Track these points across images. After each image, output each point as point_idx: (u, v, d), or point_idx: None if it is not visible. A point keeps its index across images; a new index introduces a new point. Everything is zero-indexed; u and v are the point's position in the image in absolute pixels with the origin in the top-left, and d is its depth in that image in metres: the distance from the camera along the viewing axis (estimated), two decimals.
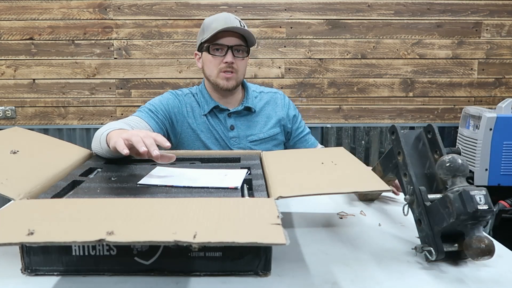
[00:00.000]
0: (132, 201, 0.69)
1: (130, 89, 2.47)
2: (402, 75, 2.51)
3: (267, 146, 1.39)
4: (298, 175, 0.85)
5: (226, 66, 1.28)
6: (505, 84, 2.54)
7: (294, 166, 0.93)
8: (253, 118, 1.38)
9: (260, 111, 1.40)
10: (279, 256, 0.76)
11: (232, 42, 1.28)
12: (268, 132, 1.39)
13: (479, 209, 0.69)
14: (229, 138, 1.35)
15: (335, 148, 1.05)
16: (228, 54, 1.27)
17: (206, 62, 1.32)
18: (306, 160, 0.97)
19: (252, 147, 1.36)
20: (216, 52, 1.29)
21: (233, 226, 0.58)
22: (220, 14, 1.31)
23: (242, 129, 1.36)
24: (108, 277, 0.68)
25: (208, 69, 1.32)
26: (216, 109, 1.35)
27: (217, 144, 1.35)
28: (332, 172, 0.85)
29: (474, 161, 2.17)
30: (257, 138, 1.37)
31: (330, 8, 2.44)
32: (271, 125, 1.40)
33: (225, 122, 1.36)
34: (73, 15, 2.40)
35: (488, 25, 2.48)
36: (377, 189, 0.73)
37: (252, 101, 1.38)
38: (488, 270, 0.74)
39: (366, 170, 0.84)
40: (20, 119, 2.48)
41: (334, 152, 1.02)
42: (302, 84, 2.50)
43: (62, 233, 0.55)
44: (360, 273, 0.71)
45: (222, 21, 1.27)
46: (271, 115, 1.41)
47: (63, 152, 1.01)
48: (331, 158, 0.92)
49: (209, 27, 1.28)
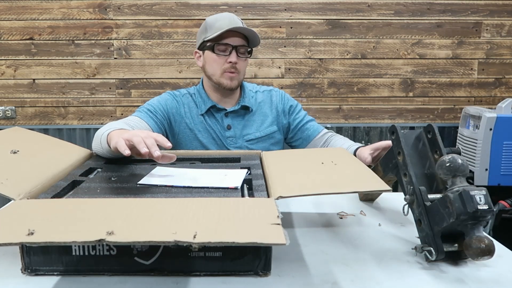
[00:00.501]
0: (132, 201, 0.69)
1: (130, 89, 2.47)
2: (402, 75, 2.51)
3: (264, 145, 1.39)
4: (298, 175, 0.85)
5: (230, 66, 1.29)
6: (505, 84, 2.54)
7: (294, 166, 0.93)
8: (249, 117, 1.39)
9: (256, 110, 1.40)
10: (279, 256, 0.76)
11: (236, 42, 1.28)
12: (265, 131, 1.39)
13: (479, 209, 0.69)
14: (225, 137, 1.35)
15: (336, 148, 1.05)
16: (233, 54, 1.28)
17: (209, 61, 1.32)
18: (306, 160, 0.97)
19: (248, 146, 1.36)
20: (221, 51, 1.29)
21: (233, 226, 0.58)
22: (223, 14, 1.31)
23: (239, 129, 1.37)
24: (108, 277, 0.68)
25: (211, 68, 1.32)
26: (213, 108, 1.36)
27: (214, 144, 1.35)
28: (332, 172, 0.85)
29: (474, 161, 2.17)
30: (253, 137, 1.37)
31: (330, 8, 2.44)
32: (268, 123, 1.40)
33: (222, 121, 1.36)
34: (73, 15, 2.40)
35: (488, 25, 2.48)
36: (377, 189, 0.73)
37: (249, 100, 1.39)
38: (488, 270, 0.74)
39: (366, 170, 0.84)
40: (20, 119, 2.48)
41: (334, 152, 1.02)
42: (302, 84, 2.50)
43: (62, 233, 0.55)
44: (360, 273, 0.71)
45: (227, 21, 1.27)
46: (267, 113, 1.41)
47: (63, 152, 1.01)
48: (331, 158, 0.92)
49: (213, 26, 1.28)
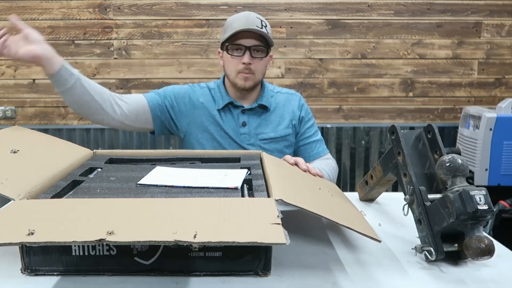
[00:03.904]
0: (132, 201, 0.69)
1: (130, 89, 2.47)
2: (402, 75, 2.51)
3: (277, 146, 1.37)
4: (298, 186, 0.86)
5: (244, 67, 1.28)
6: (505, 84, 2.54)
7: (294, 177, 0.94)
8: (266, 117, 1.37)
9: (274, 110, 1.38)
10: (279, 256, 0.76)
11: (250, 42, 1.27)
12: (280, 132, 1.37)
13: (479, 209, 0.69)
14: (239, 134, 1.35)
15: (331, 183, 1.09)
16: (246, 55, 1.27)
17: (226, 62, 1.33)
18: (305, 179, 0.98)
19: (262, 145, 1.35)
20: (235, 52, 1.29)
21: (233, 226, 0.58)
22: (242, 13, 1.31)
23: (254, 127, 1.36)
24: (108, 277, 0.68)
25: (228, 69, 1.33)
26: (231, 105, 1.35)
27: (225, 138, 1.34)
28: (329, 201, 0.86)
29: (474, 161, 2.17)
30: (267, 137, 1.36)
31: (330, 8, 2.44)
32: (284, 125, 1.38)
33: (238, 118, 1.35)
34: (73, 15, 2.40)
35: (488, 25, 2.48)
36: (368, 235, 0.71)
37: (268, 100, 1.38)
38: (488, 270, 0.74)
39: (358, 212, 0.89)
40: (20, 119, 2.48)
41: (331, 185, 1.05)
42: (302, 84, 2.50)
43: (62, 233, 0.55)
44: (360, 273, 0.71)
45: (242, 21, 1.27)
46: (285, 115, 1.39)
47: (63, 152, 1.01)
48: (328, 189, 0.94)
49: (229, 27, 1.28)
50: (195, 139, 1.34)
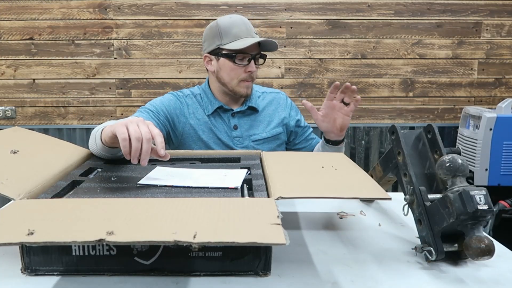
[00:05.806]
0: (132, 201, 0.69)
1: (130, 89, 2.47)
2: (402, 75, 2.51)
3: (270, 146, 1.39)
4: (298, 177, 0.85)
5: (248, 75, 1.27)
6: (505, 84, 2.54)
7: (294, 167, 0.93)
8: (256, 118, 1.38)
9: (262, 111, 1.40)
10: (279, 256, 0.76)
11: (254, 50, 1.26)
12: (271, 132, 1.39)
13: (479, 209, 0.69)
14: (232, 137, 1.35)
15: (336, 154, 1.05)
16: (252, 63, 1.26)
17: (226, 69, 1.27)
18: (306, 163, 0.97)
19: (255, 146, 1.36)
20: (239, 60, 1.26)
21: (233, 226, 0.58)
22: (236, 18, 1.27)
23: (245, 129, 1.36)
24: (108, 277, 0.68)
25: (228, 77, 1.28)
26: (220, 109, 1.35)
27: (219, 144, 1.34)
28: (332, 177, 0.85)
29: (474, 161, 2.17)
30: (259, 137, 1.37)
31: (330, 8, 2.44)
32: (274, 125, 1.40)
33: (228, 122, 1.35)
34: (73, 15, 2.40)
35: (488, 25, 2.48)
36: (377, 197, 0.73)
37: (256, 101, 1.38)
38: (488, 270, 0.74)
39: (367, 177, 0.85)
40: (20, 119, 2.48)
41: (334, 157, 1.01)
42: (302, 84, 2.50)
43: (62, 233, 0.55)
44: (360, 273, 0.71)
45: (244, 28, 1.24)
46: (274, 115, 1.41)
47: (63, 152, 1.01)
48: (332, 163, 0.92)
49: (229, 33, 1.24)
50: (189, 149, 1.34)
